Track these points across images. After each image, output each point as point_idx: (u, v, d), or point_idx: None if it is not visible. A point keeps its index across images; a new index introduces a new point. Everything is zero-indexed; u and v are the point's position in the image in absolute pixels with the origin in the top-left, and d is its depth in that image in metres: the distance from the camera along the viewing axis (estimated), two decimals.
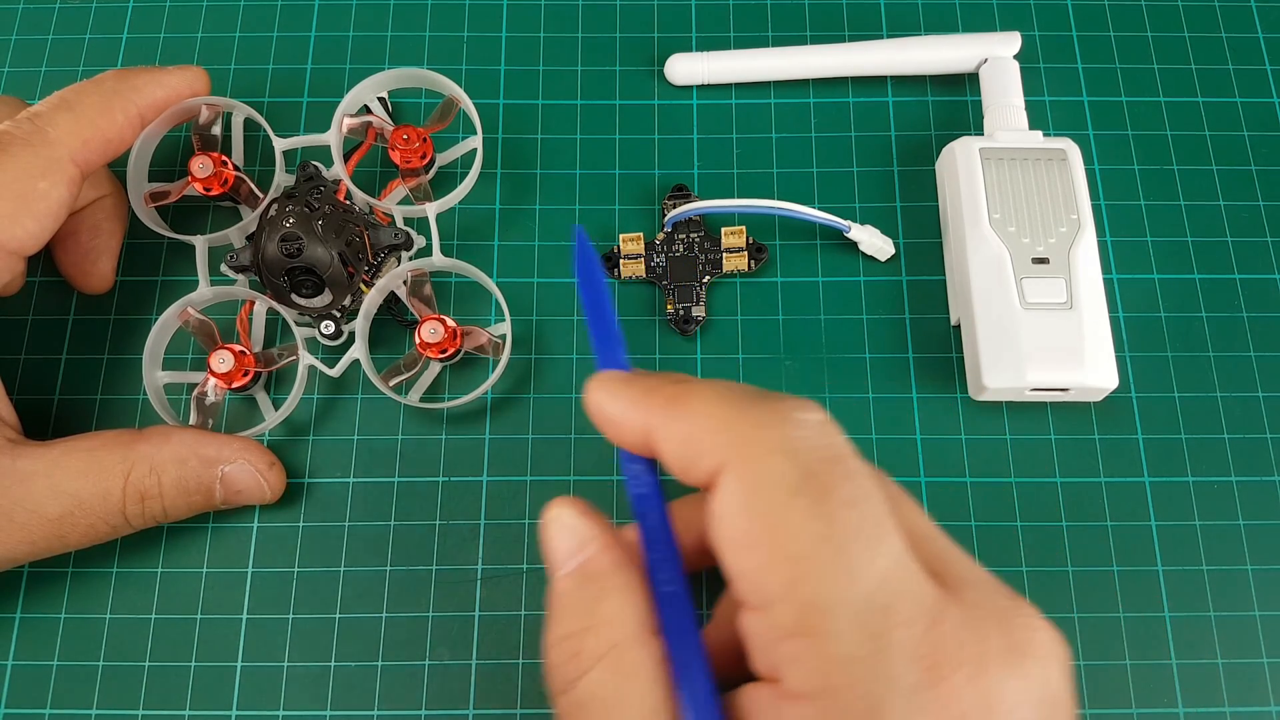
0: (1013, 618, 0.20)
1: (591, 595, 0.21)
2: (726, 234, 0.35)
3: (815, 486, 0.19)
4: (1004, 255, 0.33)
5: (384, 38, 0.39)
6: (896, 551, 0.19)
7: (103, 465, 0.29)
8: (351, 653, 0.32)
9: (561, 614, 0.21)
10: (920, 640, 0.18)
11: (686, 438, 0.20)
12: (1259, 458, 0.34)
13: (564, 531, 0.22)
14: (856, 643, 0.18)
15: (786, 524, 0.19)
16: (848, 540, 0.19)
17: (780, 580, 0.19)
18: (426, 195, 0.36)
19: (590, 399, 0.23)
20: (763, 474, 0.19)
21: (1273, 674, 0.31)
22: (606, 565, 0.21)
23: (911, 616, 0.18)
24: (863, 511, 0.19)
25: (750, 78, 0.38)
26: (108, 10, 0.40)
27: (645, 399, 0.21)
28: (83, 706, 0.31)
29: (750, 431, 0.20)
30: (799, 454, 0.19)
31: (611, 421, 0.22)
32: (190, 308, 0.34)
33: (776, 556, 0.19)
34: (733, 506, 0.19)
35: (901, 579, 0.19)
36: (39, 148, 0.30)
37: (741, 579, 0.19)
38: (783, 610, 0.19)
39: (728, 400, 0.20)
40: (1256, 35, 0.39)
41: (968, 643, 0.19)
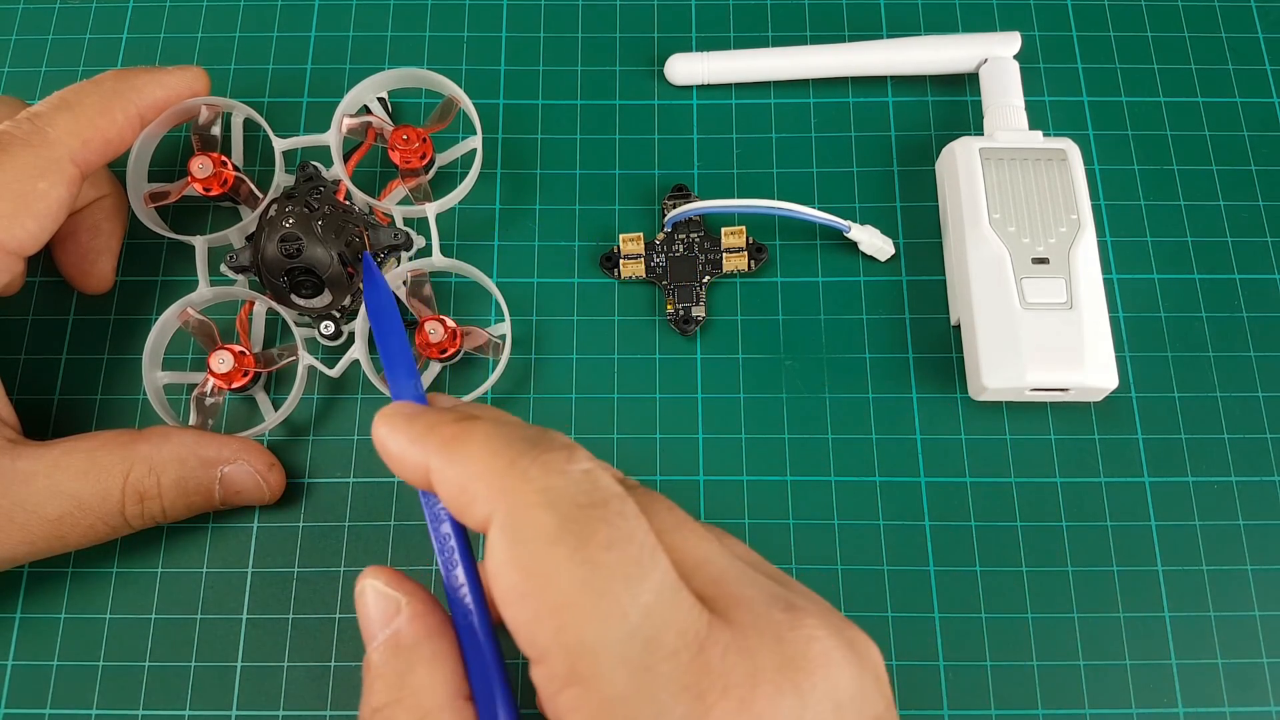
0: (785, 632, 0.19)
1: (401, 666, 0.21)
2: (726, 234, 0.35)
3: (573, 534, 0.19)
4: (1004, 255, 0.33)
5: (384, 38, 0.39)
6: (660, 585, 0.19)
7: (102, 465, 0.29)
8: (351, 653, 0.32)
9: (372, 687, 0.21)
10: (686, 669, 0.18)
11: (460, 484, 0.20)
12: (1259, 458, 0.34)
13: (377, 600, 0.22)
14: (624, 682, 0.18)
15: (549, 573, 0.19)
16: (609, 582, 0.18)
17: (548, 630, 0.19)
18: (426, 195, 0.36)
19: (375, 433, 0.22)
20: (524, 526, 0.19)
21: (1273, 674, 0.31)
22: (417, 634, 0.21)
23: (677, 647, 0.18)
24: (623, 552, 0.19)
25: (750, 78, 0.38)
26: (108, 10, 0.40)
27: (425, 437, 0.21)
28: (83, 706, 0.31)
29: (514, 484, 0.19)
30: (558, 504, 0.19)
31: (393, 458, 0.22)
32: (190, 308, 0.34)
33: (543, 607, 0.19)
34: (499, 560, 0.19)
35: (666, 611, 0.19)
36: (38, 148, 0.30)
37: (517, 633, 0.19)
38: (555, 660, 0.19)
39: (498, 449, 0.20)
40: (1256, 35, 0.39)
41: (737, 666, 0.18)
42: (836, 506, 0.33)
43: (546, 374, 0.35)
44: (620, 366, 0.35)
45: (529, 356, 0.35)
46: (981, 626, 0.32)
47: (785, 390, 0.35)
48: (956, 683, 0.31)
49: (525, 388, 0.35)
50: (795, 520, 0.33)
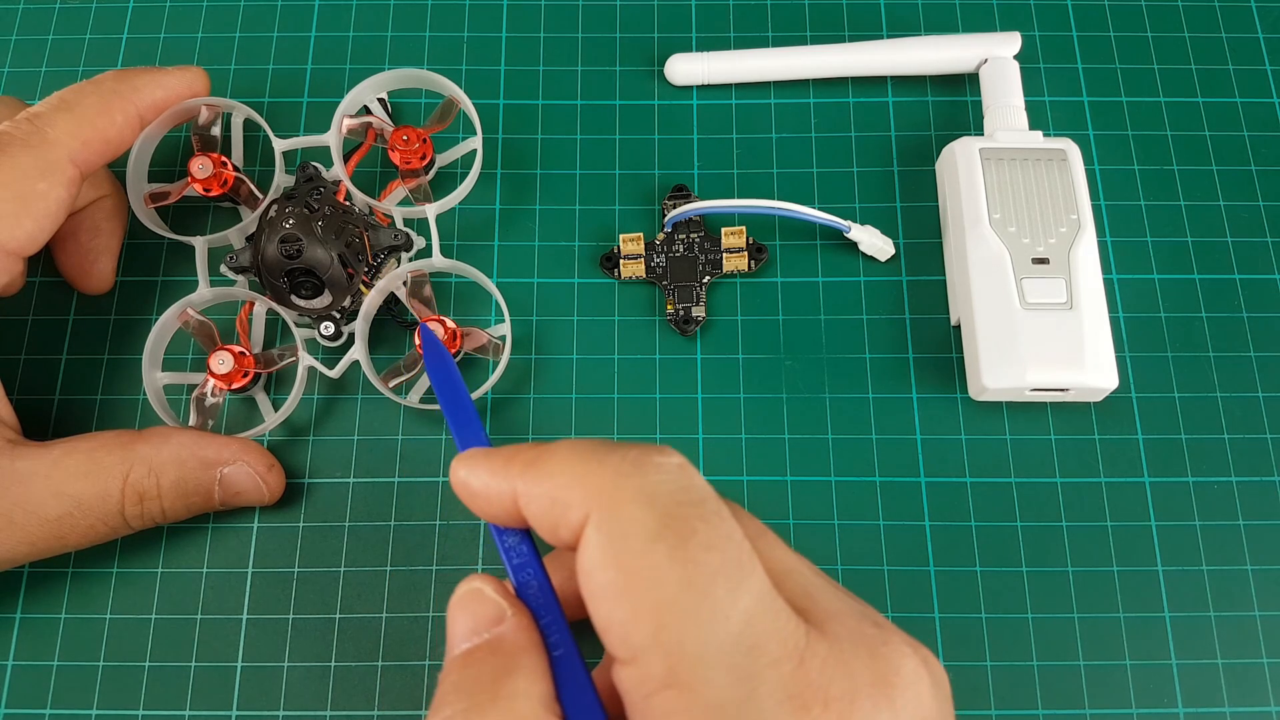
0: (878, 647, 0.19)
1: (499, 670, 0.20)
2: (726, 234, 0.35)
3: (674, 532, 0.19)
4: (1004, 255, 0.33)
5: (384, 38, 0.39)
6: (760, 590, 0.19)
7: (102, 466, 0.29)
8: (351, 653, 0.32)
9: (463, 686, 0.20)
10: (789, 679, 0.18)
11: (549, 497, 0.20)
12: (1259, 458, 0.34)
13: (480, 604, 0.21)
14: (727, 688, 0.18)
15: (647, 572, 0.18)
16: (710, 584, 0.18)
17: (645, 631, 0.18)
18: (426, 196, 0.36)
19: (455, 476, 0.22)
20: (622, 523, 0.19)
21: (1273, 674, 0.31)
22: (519, 644, 0.21)
23: (779, 656, 0.18)
24: (724, 553, 0.19)
25: (750, 78, 0.38)
26: (108, 10, 0.40)
27: (505, 467, 0.21)
28: (83, 706, 0.31)
29: (608, 481, 0.19)
30: (656, 500, 0.19)
31: (477, 495, 0.22)
32: (190, 309, 0.34)
33: (641, 606, 0.18)
34: (595, 559, 0.19)
35: (767, 618, 0.18)
36: (38, 148, 0.30)
37: (609, 632, 0.19)
38: (651, 662, 0.18)
39: (584, 455, 0.20)
40: (1256, 35, 0.39)
41: (836, 678, 0.18)
42: (836, 506, 0.33)
43: (546, 374, 0.35)
44: (620, 366, 0.35)
45: (529, 357, 0.35)
46: (981, 626, 0.32)
47: (785, 390, 0.35)
48: (957, 683, 0.31)
49: (525, 388, 0.35)
50: (795, 520, 0.33)
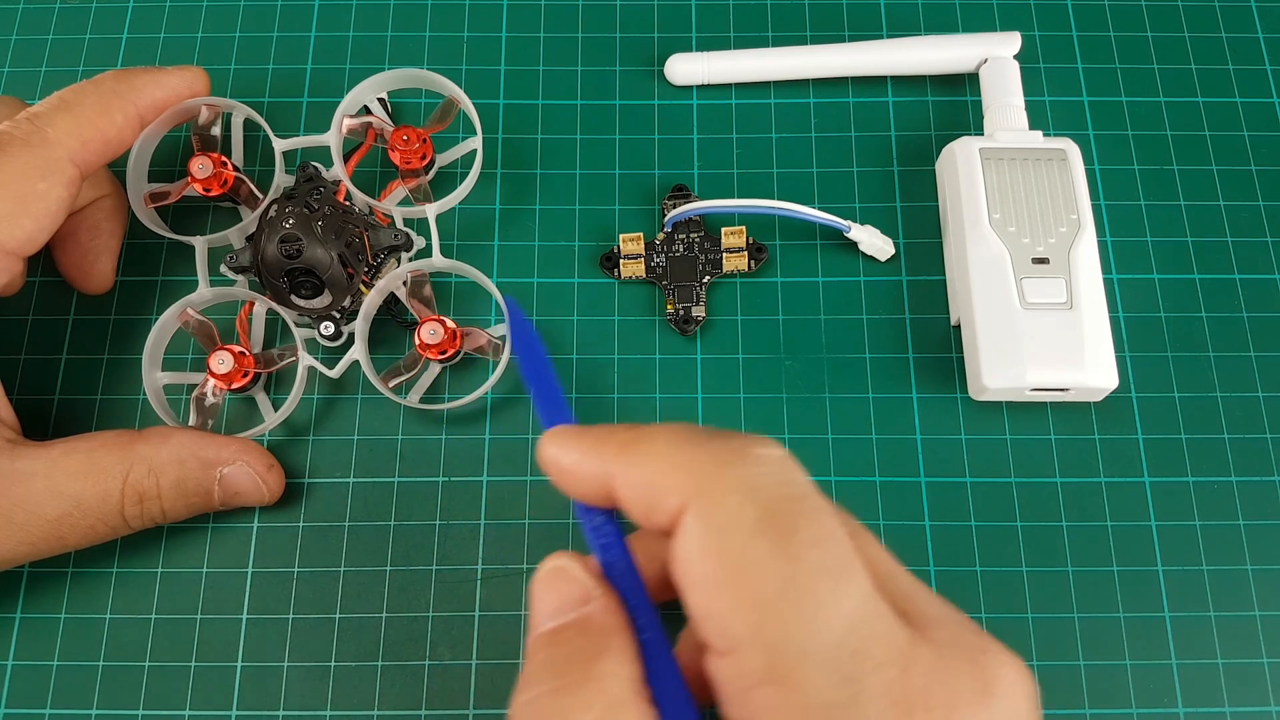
0: (978, 655, 0.19)
1: (590, 651, 0.20)
2: (726, 234, 0.35)
3: (778, 526, 0.18)
4: (1004, 255, 0.33)
5: (384, 38, 0.39)
6: (864, 591, 0.19)
7: (101, 466, 0.29)
8: (351, 653, 0.32)
9: (552, 664, 0.20)
10: (894, 684, 0.18)
11: (646, 481, 0.20)
12: (1259, 458, 0.34)
13: (570, 584, 0.21)
14: (831, 689, 0.17)
15: (750, 566, 0.18)
16: (814, 581, 0.18)
17: (746, 624, 0.18)
18: (426, 196, 0.36)
19: (544, 453, 0.22)
20: (724, 514, 0.19)
21: (1273, 674, 0.31)
22: (609, 625, 0.20)
23: (884, 660, 0.18)
24: (827, 551, 0.18)
25: (750, 78, 0.38)
26: (108, 10, 0.40)
27: (599, 447, 0.21)
28: (83, 706, 0.31)
29: (709, 470, 0.19)
30: (760, 492, 0.19)
31: (568, 472, 0.22)
32: (190, 308, 0.34)
33: (742, 600, 0.18)
34: (695, 549, 0.19)
35: (871, 620, 0.18)
36: (38, 148, 0.30)
37: (706, 622, 0.19)
38: (751, 656, 0.18)
39: (685, 440, 0.20)
40: (1256, 35, 0.39)
41: (939, 685, 0.18)
42: None
43: None
44: (620, 366, 0.35)
45: None
46: (982, 626, 0.32)
47: (785, 390, 0.35)
48: None
49: (525, 388, 0.35)
50: None
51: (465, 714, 0.31)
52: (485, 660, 0.32)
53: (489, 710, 0.31)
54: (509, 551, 0.33)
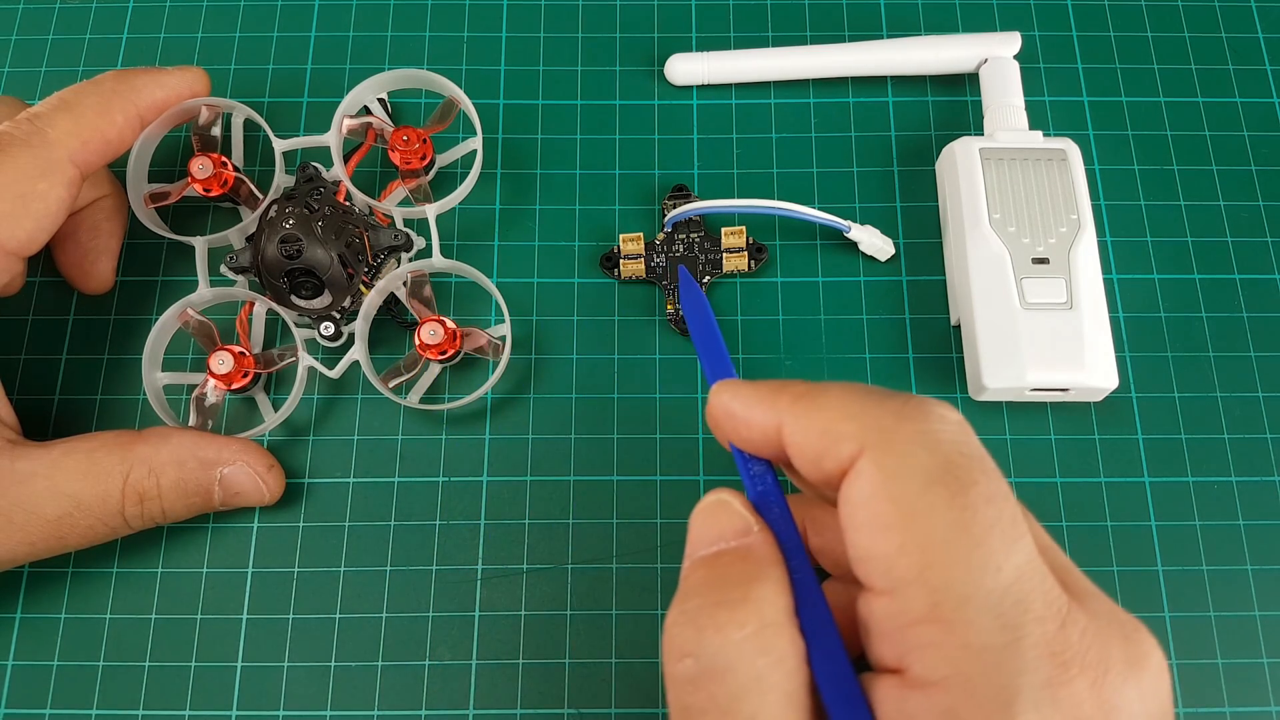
0: (1131, 632, 0.20)
1: (749, 573, 0.21)
2: (726, 234, 0.35)
3: (955, 479, 0.19)
4: (1004, 255, 0.33)
5: (384, 38, 0.39)
6: (1030, 552, 0.19)
7: (101, 467, 0.29)
8: (351, 653, 0.32)
9: (711, 583, 0.21)
10: (1052, 637, 0.18)
11: (821, 428, 0.21)
12: (1259, 458, 0.34)
13: (729, 515, 0.22)
14: (992, 633, 0.18)
15: (924, 511, 0.19)
16: (986, 534, 0.19)
17: (914, 565, 0.19)
18: (426, 196, 0.36)
19: (717, 400, 0.23)
20: (903, 461, 0.19)
21: (1273, 674, 0.31)
22: (768, 556, 0.21)
23: (1045, 614, 0.19)
24: (1001, 508, 0.19)
25: (750, 78, 0.38)
26: (108, 10, 0.40)
27: (774, 396, 0.22)
28: (83, 706, 0.31)
29: (890, 421, 0.20)
30: (940, 446, 0.20)
31: (738, 419, 0.22)
32: (190, 309, 0.34)
33: (912, 542, 0.19)
34: (869, 490, 0.19)
35: (1035, 578, 0.19)
36: (38, 149, 0.30)
37: (870, 561, 0.19)
38: (914, 595, 0.19)
39: (863, 394, 0.21)
40: (1256, 35, 0.39)
41: (1093, 647, 0.19)
42: None
43: (546, 374, 0.35)
44: (620, 366, 0.35)
45: (529, 357, 0.35)
46: None
47: None
48: None
49: (525, 388, 0.35)
50: None
51: (465, 714, 0.31)
52: (485, 660, 0.32)
53: (489, 710, 0.31)
54: (509, 551, 0.33)
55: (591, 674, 0.31)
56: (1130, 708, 0.19)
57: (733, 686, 0.19)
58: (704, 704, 0.19)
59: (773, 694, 0.19)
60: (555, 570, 0.33)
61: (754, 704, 0.19)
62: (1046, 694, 0.18)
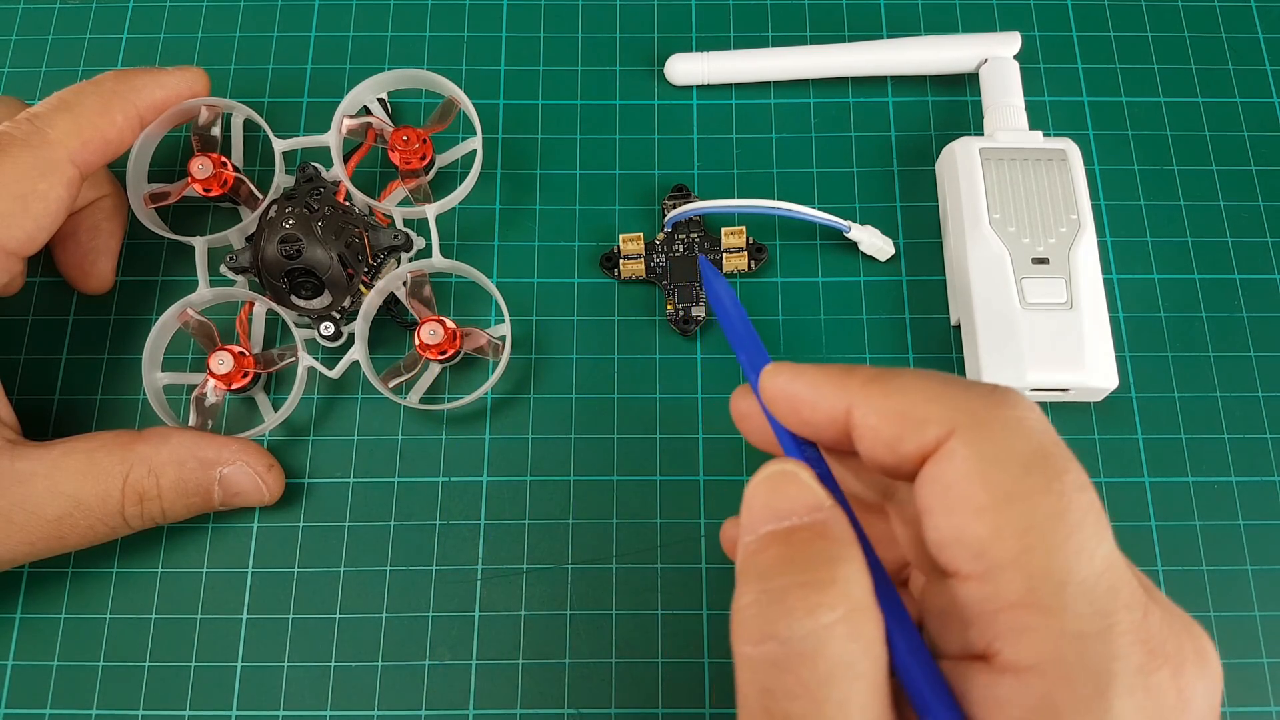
0: (1194, 628, 0.20)
1: (831, 552, 0.20)
2: (726, 234, 0.35)
3: (1050, 466, 0.19)
4: (1004, 255, 0.33)
5: (384, 38, 0.39)
6: (1114, 542, 0.19)
7: (101, 467, 0.29)
8: (351, 653, 0.32)
9: (792, 561, 0.20)
10: (1140, 625, 0.19)
11: (901, 411, 0.20)
12: (1259, 458, 0.34)
13: (798, 489, 0.21)
14: (1087, 618, 0.18)
15: (1022, 495, 0.19)
16: (1081, 521, 0.19)
17: (1009, 550, 0.19)
18: (426, 196, 0.36)
19: (775, 382, 0.22)
20: (998, 445, 0.19)
21: (1273, 674, 0.31)
22: (845, 534, 0.20)
23: (1132, 602, 0.19)
24: (1091, 498, 0.19)
25: (750, 78, 0.38)
26: (108, 10, 0.40)
27: (844, 378, 0.21)
28: (83, 706, 0.31)
29: (979, 405, 0.20)
30: (1032, 433, 0.20)
31: (803, 400, 0.22)
32: (190, 309, 0.34)
33: (1009, 525, 0.19)
34: (962, 471, 0.19)
35: (1121, 567, 0.19)
36: (38, 149, 0.30)
37: (959, 545, 0.19)
38: (1010, 579, 0.19)
39: (943, 379, 0.21)
40: (1256, 35, 0.39)
41: (1170, 640, 0.19)
42: None
43: (546, 374, 0.35)
44: (620, 366, 0.35)
45: (529, 357, 0.35)
46: None
47: None
48: None
49: (525, 388, 0.35)
50: None
51: (465, 714, 0.31)
52: (485, 660, 0.32)
53: (489, 710, 0.31)
54: (509, 551, 0.33)
55: (591, 674, 0.31)
56: (1200, 701, 0.19)
57: (823, 671, 0.18)
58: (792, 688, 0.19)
59: (862, 681, 0.19)
60: (555, 570, 0.33)
61: (844, 690, 0.18)
62: (1139, 680, 0.18)
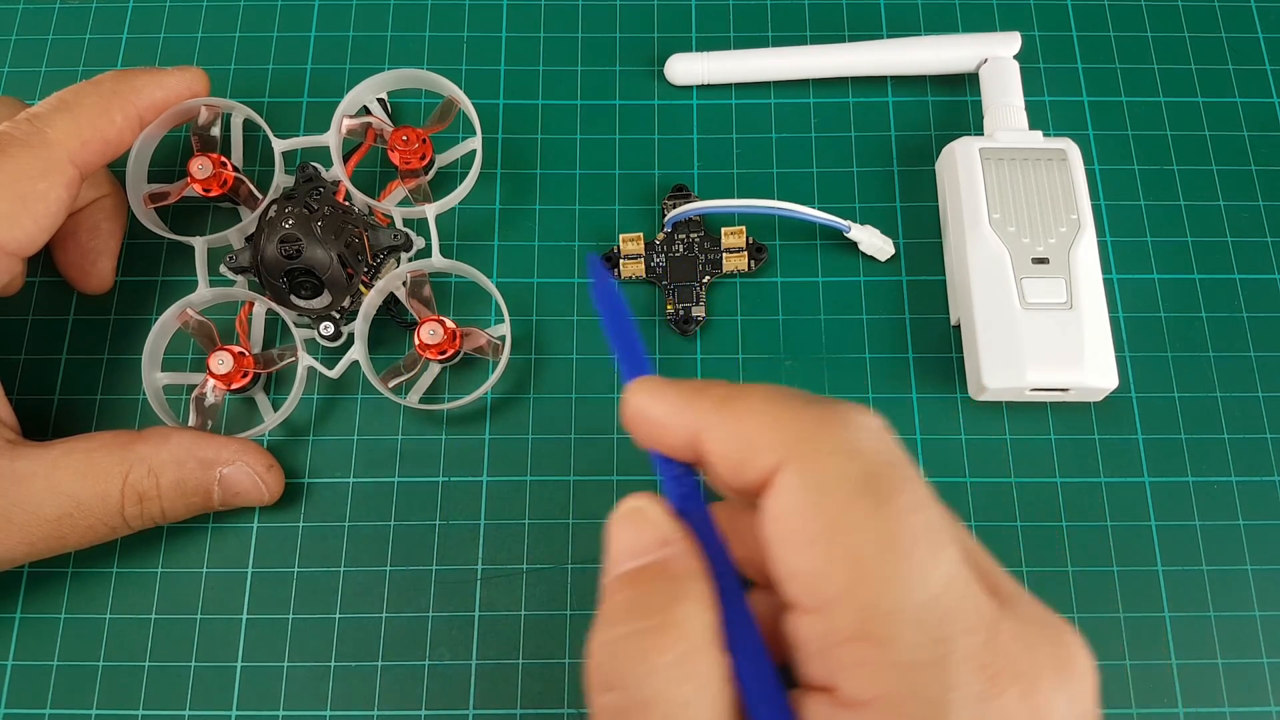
0: (1058, 635, 0.20)
1: (669, 594, 0.20)
2: (726, 234, 0.35)
3: (878, 489, 0.19)
4: (1004, 255, 0.33)
5: (384, 38, 0.39)
6: (955, 560, 0.19)
7: (101, 466, 0.29)
8: (351, 653, 0.32)
9: (631, 608, 0.20)
10: (981, 649, 0.18)
11: (741, 436, 0.20)
12: (1259, 458, 0.34)
13: (648, 526, 0.21)
14: (921, 648, 0.18)
15: (849, 525, 0.18)
16: (911, 545, 0.18)
17: (841, 581, 0.18)
18: (426, 196, 0.36)
19: (633, 401, 0.22)
20: (825, 473, 0.19)
21: (1273, 674, 0.31)
22: (690, 569, 0.20)
23: (973, 625, 0.18)
24: (926, 518, 0.19)
25: (750, 78, 0.38)
26: (108, 10, 0.40)
27: (694, 399, 0.21)
28: (83, 706, 0.31)
29: (811, 430, 0.19)
30: (863, 455, 0.19)
31: (656, 423, 0.22)
32: (190, 309, 0.34)
33: (838, 557, 0.18)
34: (792, 504, 0.19)
35: (962, 587, 0.19)
36: (38, 149, 0.30)
37: (796, 579, 0.19)
38: (842, 613, 0.18)
39: (784, 400, 0.20)
40: (1256, 35, 0.39)
41: (1022, 655, 0.18)
42: None
43: (546, 374, 0.35)
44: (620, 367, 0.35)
45: (529, 357, 0.35)
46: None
47: None
48: None
49: (525, 388, 0.35)
50: None
51: (465, 714, 0.31)
52: (485, 660, 0.32)
53: (489, 710, 0.31)
54: (509, 551, 0.33)
55: None
56: (1061, 713, 0.18)
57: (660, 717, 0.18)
58: None
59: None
60: (555, 570, 0.33)
61: None
62: (979, 708, 0.18)
